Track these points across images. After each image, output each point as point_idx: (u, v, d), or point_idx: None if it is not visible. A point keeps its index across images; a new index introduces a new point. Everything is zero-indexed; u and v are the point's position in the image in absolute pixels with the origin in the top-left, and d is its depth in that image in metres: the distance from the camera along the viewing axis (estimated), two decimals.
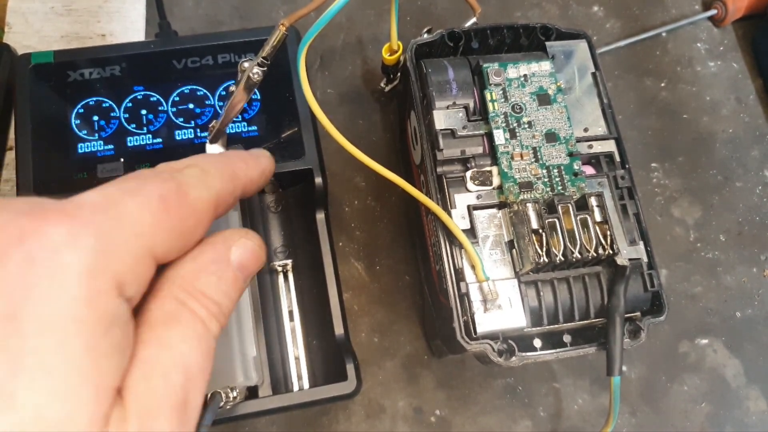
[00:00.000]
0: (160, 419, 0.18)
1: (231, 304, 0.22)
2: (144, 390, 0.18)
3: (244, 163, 0.25)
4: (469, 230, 0.29)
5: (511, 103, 0.31)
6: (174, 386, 0.19)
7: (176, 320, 0.19)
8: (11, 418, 0.15)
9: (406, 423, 0.36)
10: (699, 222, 0.42)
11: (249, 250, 0.23)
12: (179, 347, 0.19)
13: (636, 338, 0.28)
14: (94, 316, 0.17)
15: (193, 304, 0.20)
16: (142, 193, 0.19)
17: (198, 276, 0.21)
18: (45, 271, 0.16)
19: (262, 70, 0.28)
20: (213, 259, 0.21)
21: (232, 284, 0.22)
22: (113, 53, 0.35)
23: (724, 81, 0.46)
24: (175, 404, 0.19)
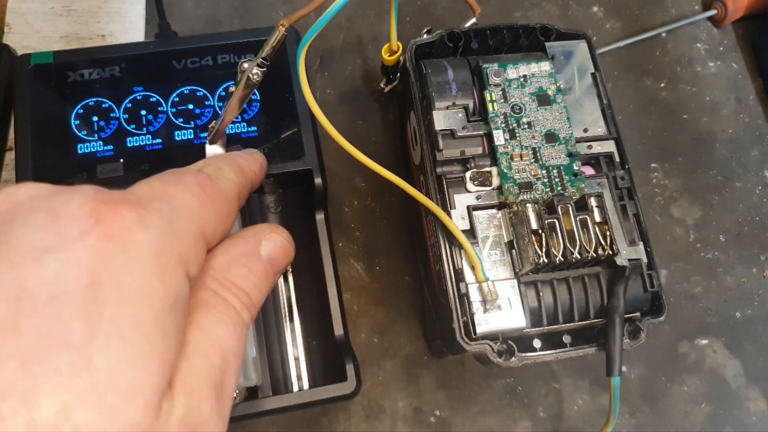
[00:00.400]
0: (203, 399, 0.19)
1: (261, 297, 0.23)
2: (186, 370, 0.19)
3: (245, 160, 0.27)
4: (469, 231, 0.29)
5: (510, 103, 0.31)
6: (213, 367, 0.20)
7: (212, 306, 0.21)
8: (86, 379, 0.15)
9: (406, 423, 0.36)
10: (699, 222, 0.42)
11: (278, 245, 0.24)
12: (215, 331, 0.20)
13: (636, 339, 0.28)
14: (163, 291, 0.18)
15: (225, 293, 0.21)
16: (183, 183, 0.21)
17: (230, 267, 0.22)
18: (121, 246, 0.17)
19: (262, 71, 0.28)
20: (244, 251, 0.23)
21: (262, 277, 0.23)
22: (113, 54, 0.35)
23: (724, 81, 0.46)
24: (214, 385, 0.19)
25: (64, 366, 0.15)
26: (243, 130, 0.34)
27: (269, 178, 0.34)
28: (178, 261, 0.19)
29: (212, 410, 0.19)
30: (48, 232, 0.17)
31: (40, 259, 0.16)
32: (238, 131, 0.34)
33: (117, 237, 0.17)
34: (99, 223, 0.17)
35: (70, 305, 0.16)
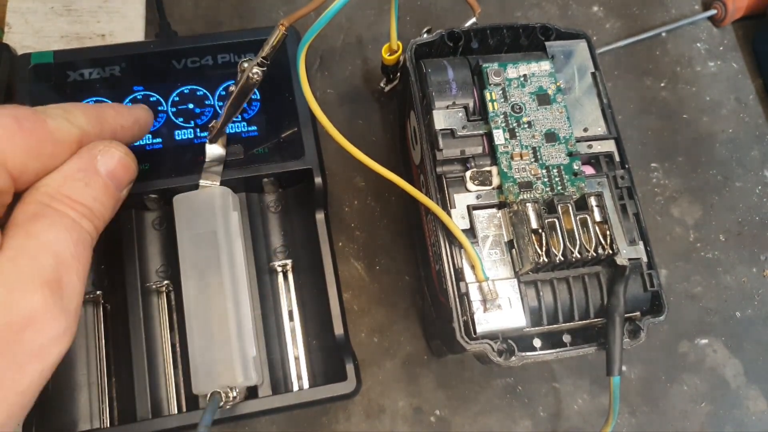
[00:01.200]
0: (28, 292, 0.20)
1: (105, 210, 0.23)
2: (9, 268, 0.20)
3: (114, 111, 0.26)
4: (469, 230, 0.29)
5: (510, 103, 0.31)
6: (43, 265, 0.20)
7: (42, 216, 0.21)
8: None
9: (405, 423, 0.36)
10: (699, 222, 0.42)
11: (116, 159, 0.24)
12: (45, 235, 0.21)
13: (636, 338, 0.28)
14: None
15: (58, 205, 0.22)
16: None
17: (64, 182, 0.22)
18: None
19: (262, 70, 0.28)
20: (79, 167, 0.23)
21: (101, 190, 0.23)
22: (113, 53, 0.35)
23: (724, 81, 0.46)
24: (46, 281, 0.20)
25: None
26: (243, 129, 0.34)
27: (270, 177, 0.34)
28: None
29: (46, 302, 0.20)
30: None
31: None
32: (238, 131, 0.34)
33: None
34: None
35: None
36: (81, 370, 0.32)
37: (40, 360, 0.20)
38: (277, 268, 0.34)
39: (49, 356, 0.20)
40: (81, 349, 0.32)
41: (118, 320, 0.33)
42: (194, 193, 0.31)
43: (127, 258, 0.33)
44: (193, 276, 0.30)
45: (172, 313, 0.33)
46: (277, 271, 0.34)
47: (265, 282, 0.34)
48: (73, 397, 0.31)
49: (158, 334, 0.33)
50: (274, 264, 0.34)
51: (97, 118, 0.25)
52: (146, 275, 0.34)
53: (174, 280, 0.33)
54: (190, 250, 0.30)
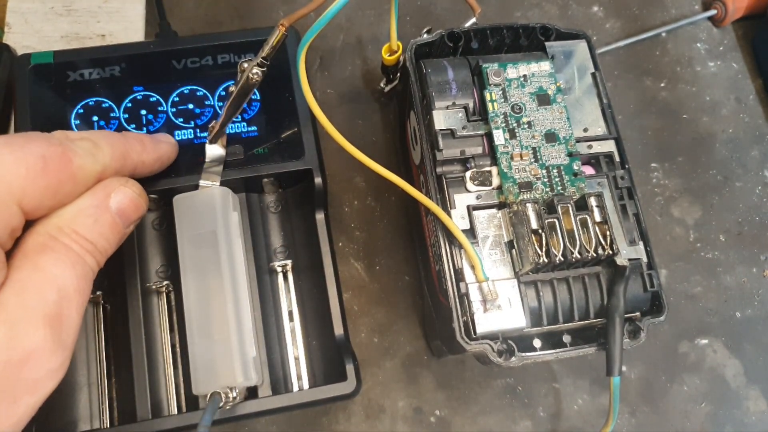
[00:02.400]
0: (31, 328, 0.20)
1: (108, 246, 0.24)
2: (14, 303, 0.20)
3: (141, 146, 0.27)
4: (469, 230, 0.29)
5: (510, 103, 0.31)
6: (46, 300, 0.21)
7: (49, 249, 0.22)
8: None
9: (405, 423, 0.36)
10: (699, 222, 0.42)
11: (128, 198, 0.25)
12: (51, 269, 0.21)
13: (636, 338, 0.28)
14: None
15: (65, 239, 0.22)
16: (25, 149, 0.22)
17: (75, 218, 0.23)
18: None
19: (262, 71, 0.28)
20: (91, 203, 0.23)
21: (109, 227, 0.24)
22: (113, 53, 0.35)
23: (724, 81, 0.46)
24: (47, 316, 0.20)
25: None
26: (243, 129, 0.34)
27: (270, 177, 0.34)
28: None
29: (45, 338, 0.20)
30: None
31: None
32: (238, 131, 0.34)
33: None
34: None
35: None
36: (81, 370, 0.32)
37: (34, 393, 0.20)
38: (277, 268, 0.34)
39: (43, 389, 0.21)
40: (81, 349, 0.32)
41: (118, 320, 0.33)
42: (194, 193, 0.31)
43: (127, 258, 0.33)
44: (193, 276, 0.30)
45: (172, 314, 0.33)
46: (277, 271, 0.34)
47: (265, 282, 0.34)
48: (73, 398, 0.32)
49: (158, 334, 0.33)
50: (274, 264, 0.34)
51: (122, 154, 0.25)
52: (146, 275, 0.34)
53: (174, 280, 0.33)
54: (190, 251, 0.30)
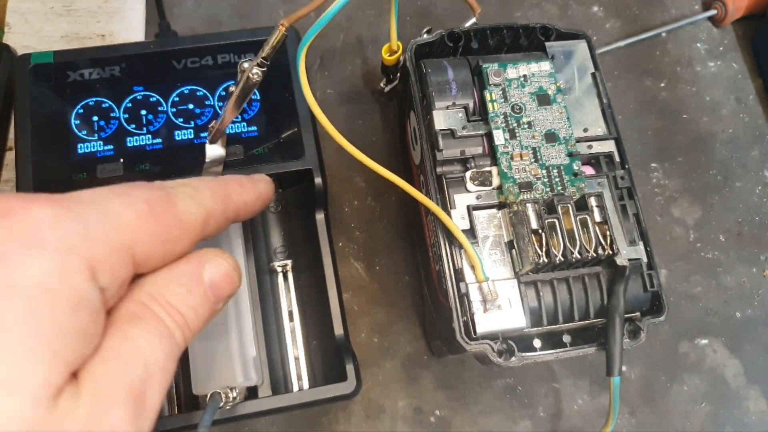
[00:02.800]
0: (115, 406, 0.18)
1: (197, 321, 0.22)
2: (101, 373, 0.18)
3: (240, 187, 0.25)
4: (469, 230, 0.29)
5: (510, 103, 0.31)
6: (132, 376, 0.19)
7: (140, 318, 0.20)
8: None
9: (405, 423, 0.36)
10: (699, 222, 0.42)
11: (222, 270, 0.23)
12: (139, 341, 0.20)
13: (636, 338, 0.28)
14: (65, 291, 0.17)
15: (156, 307, 0.21)
16: (131, 195, 0.21)
17: (167, 285, 0.21)
18: (22, 243, 0.17)
19: (262, 71, 0.28)
20: (184, 272, 0.22)
21: (200, 300, 0.22)
22: (113, 53, 0.35)
23: (724, 81, 0.46)
24: (131, 394, 0.19)
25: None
26: (243, 129, 0.34)
27: (269, 177, 0.33)
28: (85, 265, 0.18)
29: (125, 420, 0.18)
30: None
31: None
32: (239, 131, 0.34)
33: (20, 234, 0.17)
34: (4, 218, 0.17)
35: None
36: None
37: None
38: (277, 268, 0.34)
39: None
40: None
41: None
42: None
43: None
44: None
45: None
46: (277, 271, 0.34)
47: (265, 282, 0.34)
48: None
49: None
50: (274, 264, 0.34)
51: (223, 197, 0.24)
52: None
53: None
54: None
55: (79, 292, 0.18)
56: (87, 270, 0.18)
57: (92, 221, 0.19)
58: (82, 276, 0.18)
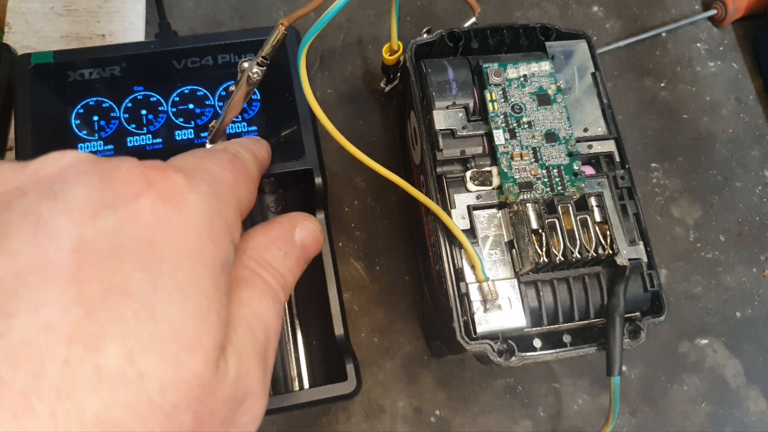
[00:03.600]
0: (251, 366, 0.19)
1: (293, 281, 0.23)
2: (235, 338, 0.19)
3: (255, 145, 0.27)
4: (469, 230, 0.29)
5: (510, 103, 0.31)
6: (258, 339, 0.20)
7: (251, 283, 0.21)
8: (151, 327, 0.16)
9: (405, 423, 0.36)
10: (699, 222, 0.42)
11: (311, 232, 0.25)
12: (257, 305, 0.20)
13: (636, 338, 0.28)
14: (215, 252, 0.18)
15: (263, 272, 0.22)
16: (217, 158, 0.22)
17: (267, 249, 0.22)
18: (175, 207, 0.18)
19: (262, 70, 0.28)
20: (280, 235, 0.23)
21: (295, 262, 0.23)
22: (113, 53, 0.34)
23: (724, 81, 0.46)
24: (259, 355, 0.20)
25: (130, 314, 0.15)
26: (243, 129, 0.34)
27: (270, 177, 0.34)
28: (225, 226, 0.19)
29: (259, 381, 0.19)
30: (103, 191, 0.17)
31: (98, 215, 0.16)
32: (239, 131, 0.34)
33: (170, 198, 0.18)
34: (151, 185, 0.18)
35: (130, 258, 0.16)
36: None
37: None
38: None
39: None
40: None
41: None
42: None
43: None
44: None
45: None
46: None
47: None
48: None
49: None
50: None
51: (252, 153, 0.25)
52: None
53: None
54: None
55: (225, 253, 0.19)
56: (227, 232, 0.19)
57: (213, 184, 0.20)
58: (226, 238, 0.19)
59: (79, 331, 0.15)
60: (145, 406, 0.15)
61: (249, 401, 0.19)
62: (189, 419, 0.16)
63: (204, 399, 0.17)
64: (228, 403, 0.18)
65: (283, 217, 0.24)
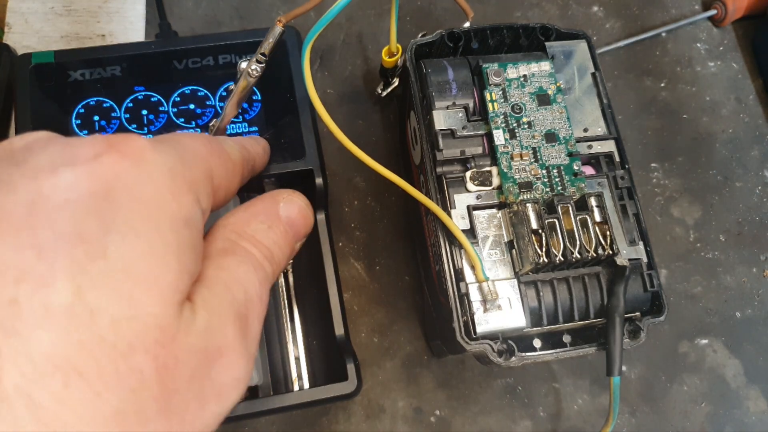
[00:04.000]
0: (226, 323, 0.19)
1: (282, 255, 0.23)
2: (209, 295, 0.19)
3: (249, 141, 0.27)
4: (469, 230, 0.29)
5: (510, 103, 0.31)
6: (236, 299, 0.20)
7: (231, 252, 0.21)
8: (101, 264, 0.16)
9: (406, 423, 0.36)
10: (699, 222, 0.42)
11: (296, 207, 0.25)
12: (236, 269, 0.20)
13: (636, 338, 0.28)
14: (176, 208, 0.18)
15: (244, 243, 0.22)
16: (189, 134, 0.22)
17: (249, 223, 0.22)
18: (134, 162, 0.18)
19: (261, 66, 0.28)
20: (262, 210, 0.23)
21: (281, 235, 0.23)
22: (114, 53, 0.35)
23: (724, 81, 0.46)
24: (238, 315, 0.19)
25: (80, 254, 0.15)
26: (244, 129, 0.34)
27: (270, 177, 0.34)
28: (189, 186, 0.19)
29: (236, 338, 0.19)
30: (64, 154, 0.18)
31: (55, 171, 0.17)
32: (239, 131, 0.34)
33: (130, 155, 0.18)
34: (112, 146, 0.18)
35: (83, 207, 0.16)
36: None
37: (219, 401, 0.18)
38: None
39: (227, 399, 0.19)
40: None
41: None
42: None
43: None
44: None
45: None
46: None
47: None
48: None
49: None
50: None
51: (242, 145, 0.25)
52: None
53: None
54: None
55: (188, 210, 0.19)
56: (190, 191, 0.19)
57: (179, 150, 0.20)
58: (189, 197, 0.19)
59: (27, 272, 0.15)
60: (97, 344, 0.15)
61: (226, 358, 0.18)
62: (149, 363, 0.16)
63: (165, 343, 0.16)
64: (197, 354, 0.17)
65: (266, 194, 0.24)
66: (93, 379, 0.15)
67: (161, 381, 0.16)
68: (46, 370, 0.14)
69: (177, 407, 0.17)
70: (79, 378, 0.14)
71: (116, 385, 0.15)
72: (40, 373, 0.14)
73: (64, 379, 0.14)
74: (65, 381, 0.14)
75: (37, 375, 0.14)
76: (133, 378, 0.15)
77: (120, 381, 0.15)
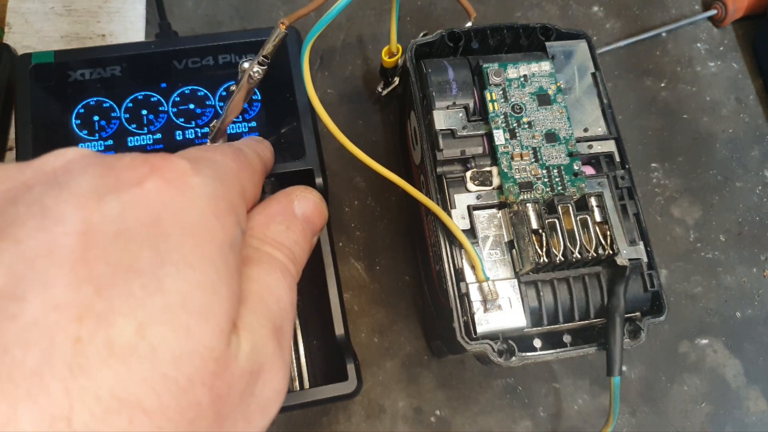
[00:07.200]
0: (265, 339, 0.19)
1: (302, 254, 0.23)
2: (245, 312, 0.19)
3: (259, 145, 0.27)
4: (469, 230, 0.29)
5: (511, 103, 0.31)
6: (271, 311, 0.20)
7: (257, 260, 0.21)
8: (159, 300, 0.16)
9: (406, 423, 0.36)
10: (699, 222, 0.42)
11: (311, 203, 0.25)
12: (266, 280, 0.20)
13: (636, 338, 0.28)
14: (222, 230, 0.18)
15: (267, 248, 0.22)
16: (219, 150, 0.22)
17: (268, 225, 0.22)
18: (178, 189, 0.18)
19: (263, 69, 0.28)
20: (278, 211, 0.23)
21: (300, 234, 0.23)
22: (114, 53, 0.35)
23: (724, 81, 0.46)
24: (274, 327, 0.20)
25: (137, 289, 0.15)
26: (244, 129, 0.34)
27: (270, 177, 0.34)
28: (230, 208, 0.19)
29: (274, 352, 0.19)
30: (106, 179, 0.17)
31: (102, 200, 0.17)
32: (240, 131, 0.34)
33: (173, 181, 0.18)
34: (155, 171, 0.18)
35: (135, 238, 0.16)
36: None
37: (264, 416, 0.19)
38: None
39: (270, 413, 0.19)
40: None
41: None
42: None
43: None
44: None
45: None
46: None
47: None
48: None
49: None
50: None
51: (255, 151, 0.26)
52: None
53: None
54: None
55: (231, 233, 0.19)
56: (232, 213, 0.19)
57: (216, 170, 0.20)
58: (231, 219, 0.19)
59: (88, 309, 0.15)
60: (159, 380, 0.15)
61: (267, 373, 0.19)
62: (206, 395, 0.16)
63: (220, 373, 0.16)
64: (245, 377, 0.18)
65: (279, 193, 0.24)
66: (155, 415, 0.15)
67: (216, 410, 0.16)
68: (112, 408, 0.14)
69: (228, 430, 0.17)
70: (143, 414, 0.15)
71: (177, 419, 0.15)
72: (107, 411, 0.14)
73: (129, 416, 0.14)
74: (130, 418, 0.14)
75: (105, 413, 0.14)
76: (192, 411, 0.16)
77: (180, 415, 0.15)
